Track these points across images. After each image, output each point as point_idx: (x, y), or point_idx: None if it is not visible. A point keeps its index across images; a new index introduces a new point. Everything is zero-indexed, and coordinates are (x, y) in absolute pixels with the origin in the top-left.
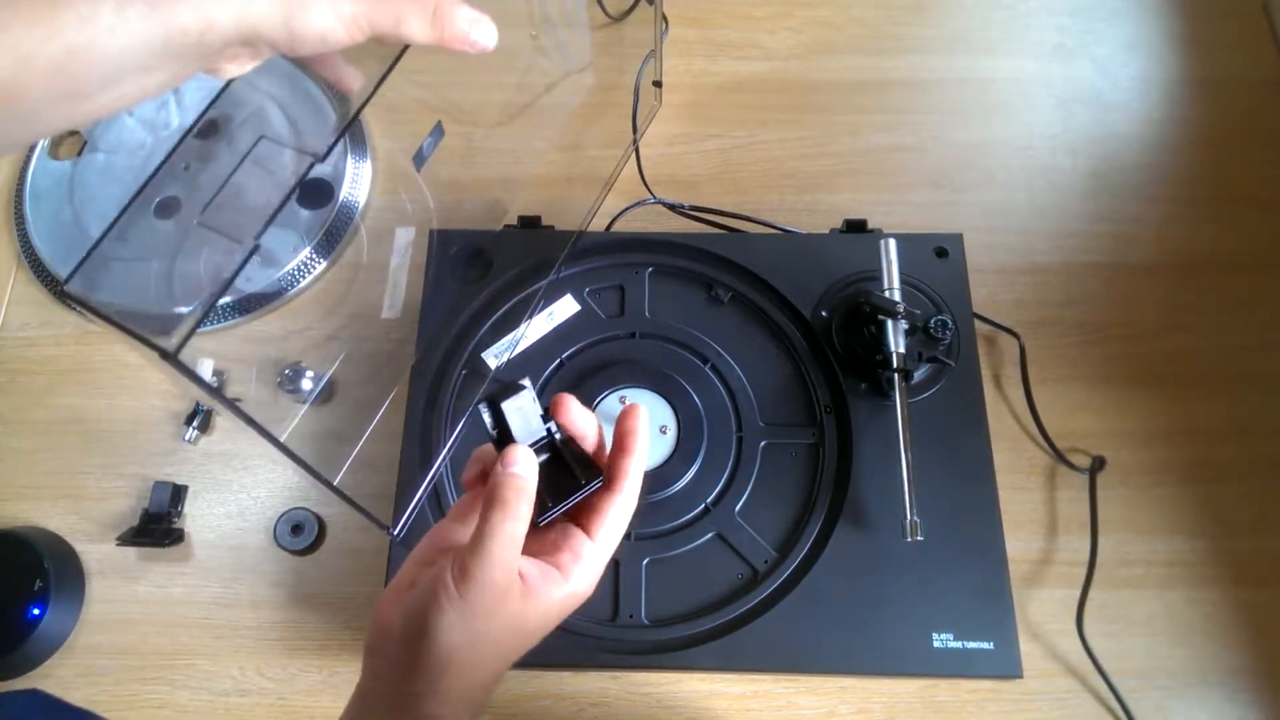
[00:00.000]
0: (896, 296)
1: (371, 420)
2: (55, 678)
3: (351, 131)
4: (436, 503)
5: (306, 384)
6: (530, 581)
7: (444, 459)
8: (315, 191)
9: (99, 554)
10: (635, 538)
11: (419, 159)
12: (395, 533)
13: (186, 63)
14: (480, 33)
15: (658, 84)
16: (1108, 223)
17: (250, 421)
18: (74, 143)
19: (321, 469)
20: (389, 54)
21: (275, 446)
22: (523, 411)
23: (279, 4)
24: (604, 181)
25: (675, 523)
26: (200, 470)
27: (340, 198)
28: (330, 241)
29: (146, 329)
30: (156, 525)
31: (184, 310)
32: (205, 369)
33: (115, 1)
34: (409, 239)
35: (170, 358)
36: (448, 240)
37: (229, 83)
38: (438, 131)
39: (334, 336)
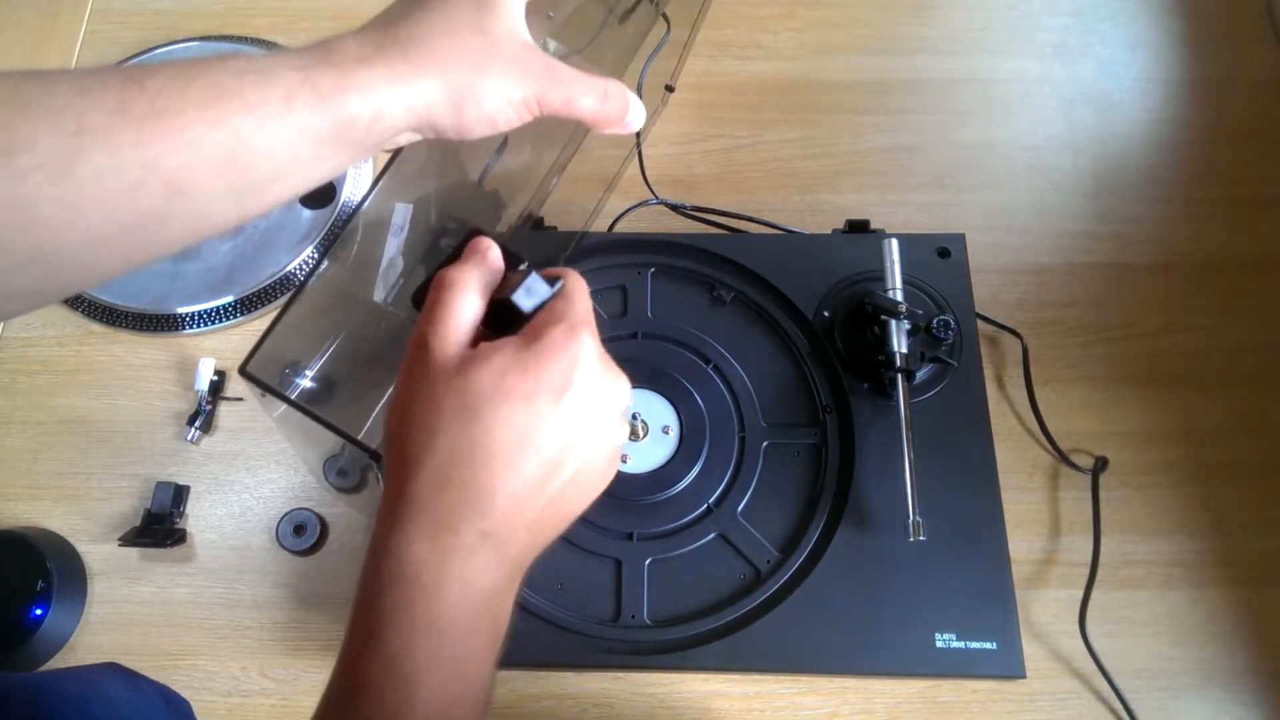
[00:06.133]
0: (899, 297)
1: (369, 417)
2: None
3: None
4: None
5: (306, 382)
6: (481, 347)
7: None
8: (317, 191)
9: (101, 554)
10: (638, 538)
11: (484, 175)
12: None
13: (357, 152)
14: (634, 115)
15: (670, 89)
16: (1110, 223)
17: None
18: None
19: (326, 464)
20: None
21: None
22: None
23: (449, 91)
24: (606, 182)
25: (678, 523)
26: (202, 470)
27: (342, 198)
28: (331, 240)
29: (153, 327)
30: (159, 525)
31: (185, 310)
32: (206, 368)
33: (283, 90)
34: (406, 216)
35: (380, 459)
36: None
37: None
38: (502, 148)
39: (334, 335)
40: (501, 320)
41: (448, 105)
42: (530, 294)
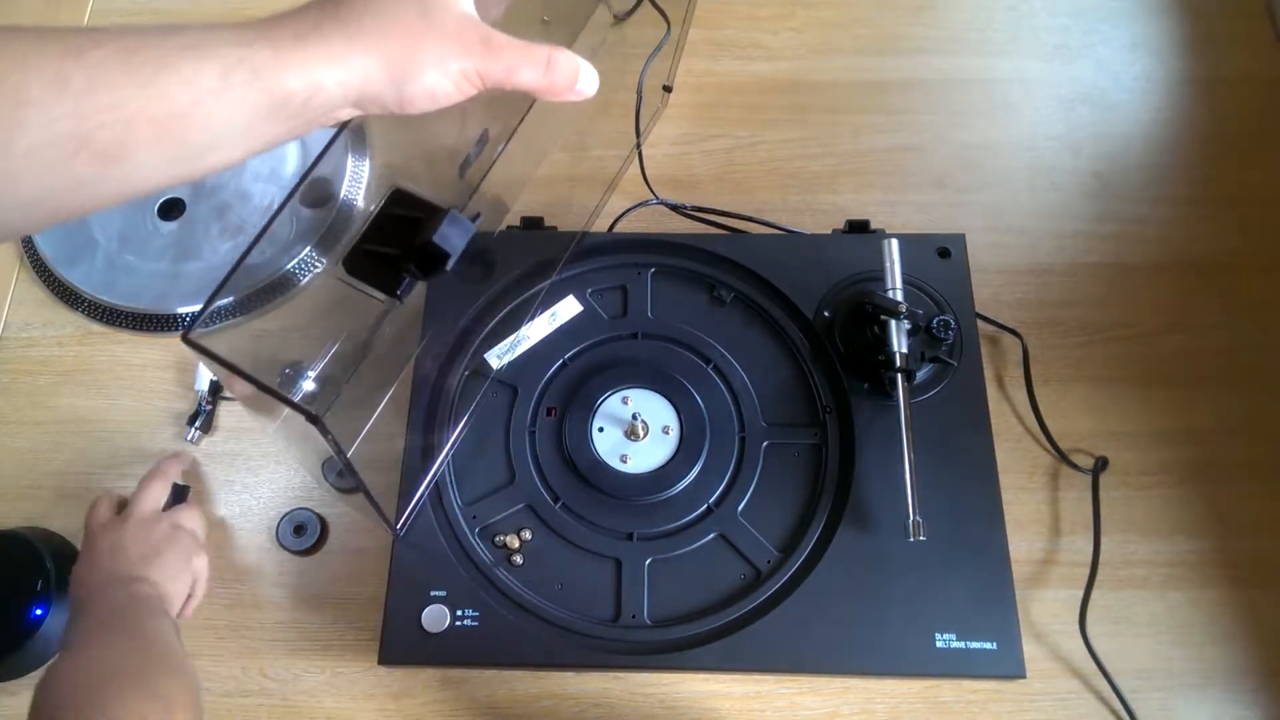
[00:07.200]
0: (899, 297)
1: (370, 417)
2: None
3: (352, 129)
4: (438, 501)
5: (307, 383)
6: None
7: (445, 458)
8: (316, 191)
9: None
10: (638, 538)
11: (464, 167)
12: (398, 528)
13: (294, 125)
14: (585, 81)
15: (668, 89)
16: (1110, 223)
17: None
18: None
19: (324, 466)
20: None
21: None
22: None
23: (386, 66)
24: (607, 182)
25: (678, 523)
26: (202, 470)
27: (340, 196)
28: (331, 240)
29: (153, 327)
30: None
31: (186, 310)
32: (206, 368)
33: (220, 67)
34: None
35: (318, 421)
36: None
37: (344, 124)
38: (483, 140)
39: (335, 335)
40: (427, 262)
41: (385, 80)
42: (449, 237)
